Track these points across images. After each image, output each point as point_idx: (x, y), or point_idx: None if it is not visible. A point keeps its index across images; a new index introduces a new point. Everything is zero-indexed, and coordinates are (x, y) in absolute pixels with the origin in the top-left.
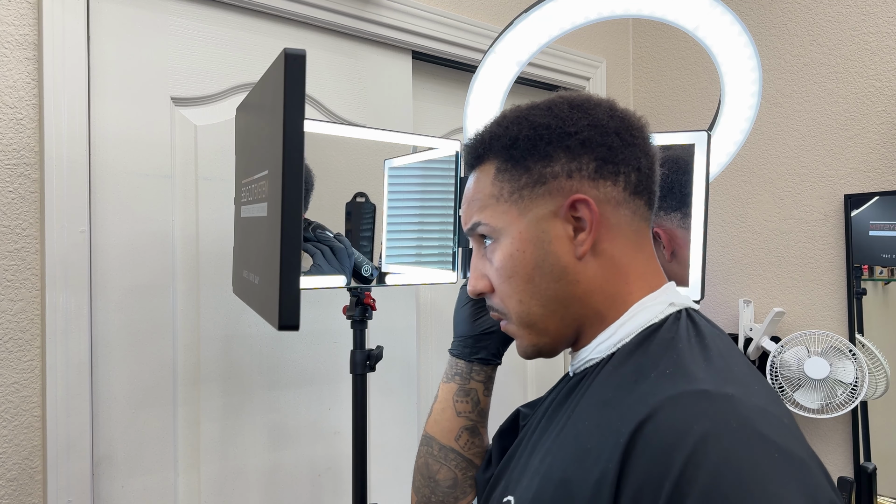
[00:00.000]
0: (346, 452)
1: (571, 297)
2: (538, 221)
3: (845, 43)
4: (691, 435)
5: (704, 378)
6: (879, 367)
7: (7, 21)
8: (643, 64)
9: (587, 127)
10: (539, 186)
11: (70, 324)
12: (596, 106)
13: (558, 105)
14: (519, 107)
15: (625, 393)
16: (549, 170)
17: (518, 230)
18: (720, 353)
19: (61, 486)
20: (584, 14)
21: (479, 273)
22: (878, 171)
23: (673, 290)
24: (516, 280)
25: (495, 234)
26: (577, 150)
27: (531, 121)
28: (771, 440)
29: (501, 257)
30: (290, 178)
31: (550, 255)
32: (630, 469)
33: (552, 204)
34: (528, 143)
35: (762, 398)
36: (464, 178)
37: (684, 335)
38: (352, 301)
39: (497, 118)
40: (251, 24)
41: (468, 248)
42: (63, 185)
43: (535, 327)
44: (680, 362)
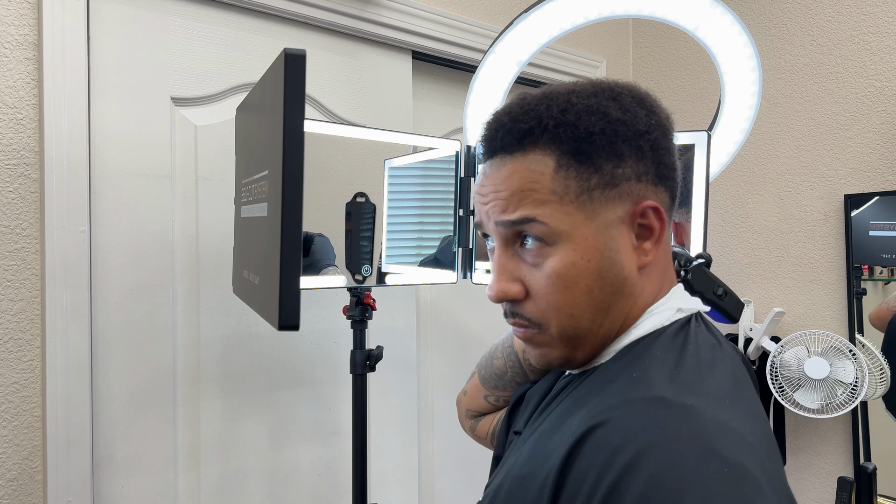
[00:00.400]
0: (346, 452)
1: (621, 310)
2: (607, 227)
3: (845, 43)
4: (636, 440)
5: (666, 386)
6: (879, 367)
7: (7, 21)
8: (643, 64)
9: (656, 126)
10: (610, 189)
11: (70, 324)
12: (656, 104)
13: (624, 97)
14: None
15: (594, 395)
16: (621, 171)
17: (584, 236)
18: (698, 363)
19: (61, 486)
20: (584, 14)
21: (511, 276)
22: (878, 171)
23: (680, 292)
24: (573, 291)
25: (553, 237)
26: (647, 151)
27: (606, 113)
28: (722, 455)
29: (561, 265)
30: (290, 178)
31: (616, 265)
32: (572, 470)
33: (621, 209)
34: (604, 140)
35: (729, 413)
36: (464, 177)
37: (666, 342)
38: (352, 301)
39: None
40: (251, 24)
41: (468, 249)
42: (63, 185)
43: (575, 341)
44: (648, 368)
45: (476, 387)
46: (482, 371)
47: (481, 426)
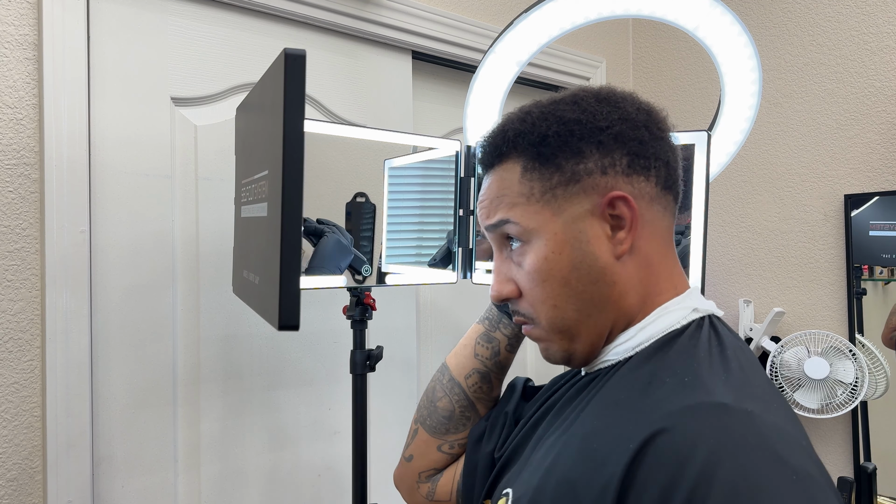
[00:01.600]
0: (346, 452)
1: (607, 299)
2: (574, 221)
3: (845, 43)
4: (705, 448)
5: (723, 391)
6: (879, 367)
7: (7, 21)
8: (643, 64)
9: (618, 121)
10: (573, 185)
11: (70, 324)
12: (623, 99)
13: (584, 99)
14: (540, 102)
15: (638, 397)
16: (583, 167)
17: (553, 231)
18: (741, 367)
19: (61, 486)
20: (584, 14)
21: (505, 277)
22: (878, 171)
23: (696, 294)
24: (551, 284)
25: (526, 235)
26: (610, 145)
27: (559, 116)
28: (789, 462)
29: (535, 260)
30: (290, 178)
31: (588, 255)
32: (637, 477)
33: (588, 202)
34: (558, 140)
35: (780, 417)
36: (464, 177)
37: (705, 345)
38: (352, 301)
39: (519, 114)
40: (251, 24)
41: (468, 249)
42: (63, 185)
43: (568, 332)
44: (699, 372)
45: (425, 441)
46: (427, 421)
47: (442, 485)
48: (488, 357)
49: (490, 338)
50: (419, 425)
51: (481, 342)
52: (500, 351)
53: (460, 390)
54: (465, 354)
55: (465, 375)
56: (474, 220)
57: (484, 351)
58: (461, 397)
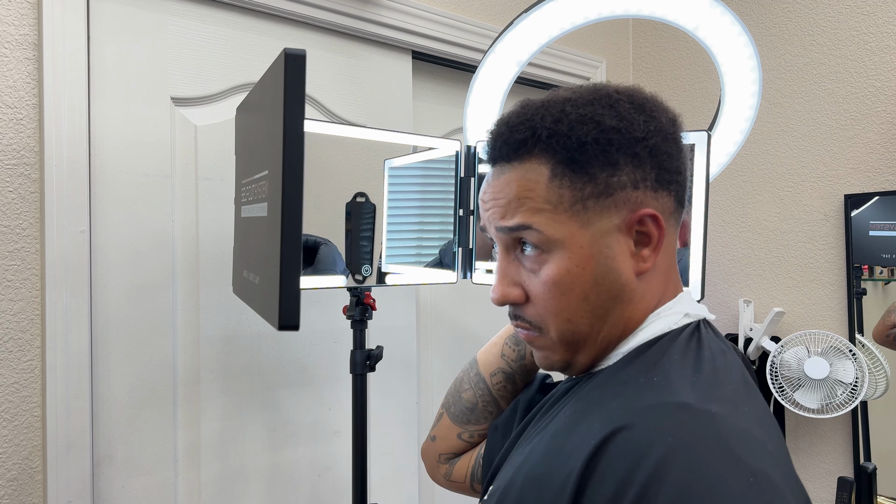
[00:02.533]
0: (346, 452)
1: (621, 315)
2: (602, 236)
3: (845, 43)
4: (662, 446)
5: (689, 392)
6: (879, 367)
7: (7, 21)
8: (643, 64)
9: (654, 132)
10: (605, 198)
11: (70, 324)
12: (656, 108)
13: (621, 103)
14: (569, 98)
15: (610, 397)
16: (616, 179)
17: (579, 244)
18: (715, 370)
19: (61, 486)
20: (584, 14)
21: (512, 280)
22: (878, 171)
23: (688, 298)
24: (569, 297)
25: (549, 245)
26: (645, 158)
27: (598, 122)
28: (747, 464)
29: (556, 272)
30: (290, 178)
31: (612, 272)
32: (596, 472)
33: (617, 217)
34: (597, 149)
35: (748, 421)
36: (464, 177)
37: (681, 347)
38: (352, 301)
39: (551, 112)
40: (251, 24)
41: (468, 249)
42: (63, 185)
43: (575, 345)
44: (668, 373)
45: (448, 427)
46: (452, 408)
47: (458, 468)
48: (514, 359)
49: (518, 341)
50: (444, 410)
51: (510, 343)
52: (525, 355)
53: (485, 386)
54: (493, 353)
55: (490, 373)
56: (474, 221)
57: (511, 352)
58: (485, 393)
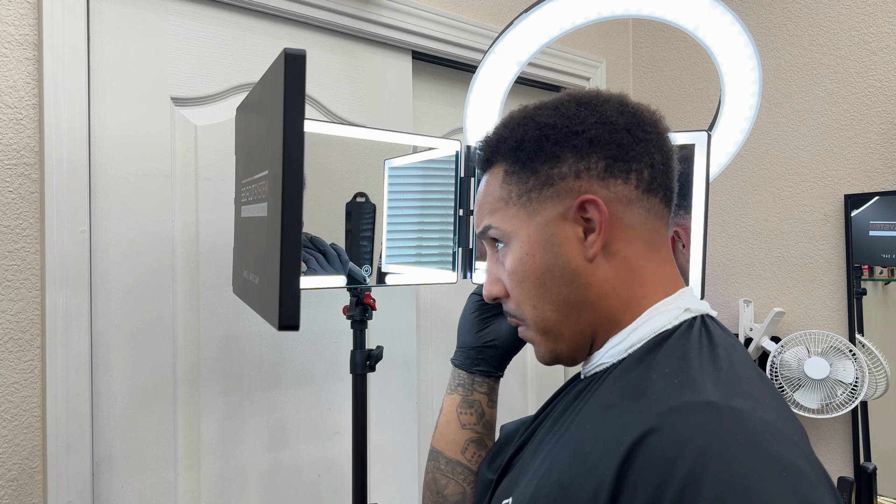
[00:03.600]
0: (346, 452)
1: (584, 300)
2: (547, 224)
3: (845, 43)
4: (694, 448)
5: (712, 389)
6: (879, 367)
7: (7, 21)
8: (643, 64)
9: (595, 125)
10: (547, 188)
11: (70, 324)
12: (604, 102)
13: (565, 103)
14: (526, 107)
15: (629, 399)
16: (557, 171)
17: (527, 233)
18: (731, 364)
19: (61, 486)
20: (584, 14)
21: (494, 277)
22: (878, 171)
23: (689, 295)
24: (527, 284)
25: (506, 237)
26: (586, 149)
27: (537, 121)
28: (778, 458)
29: (512, 261)
30: (290, 178)
31: (561, 257)
32: (628, 479)
33: (561, 206)
34: (534, 145)
35: (772, 413)
36: (464, 177)
37: (695, 344)
38: (352, 301)
39: (504, 120)
40: (251, 24)
41: (468, 249)
42: (63, 185)
43: (551, 333)
44: (688, 371)
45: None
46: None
47: None
48: (475, 421)
49: (470, 402)
50: None
51: (463, 410)
52: (483, 410)
53: (462, 468)
54: (452, 430)
55: (460, 451)
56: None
57: (469, 417)
58: (466, 474)
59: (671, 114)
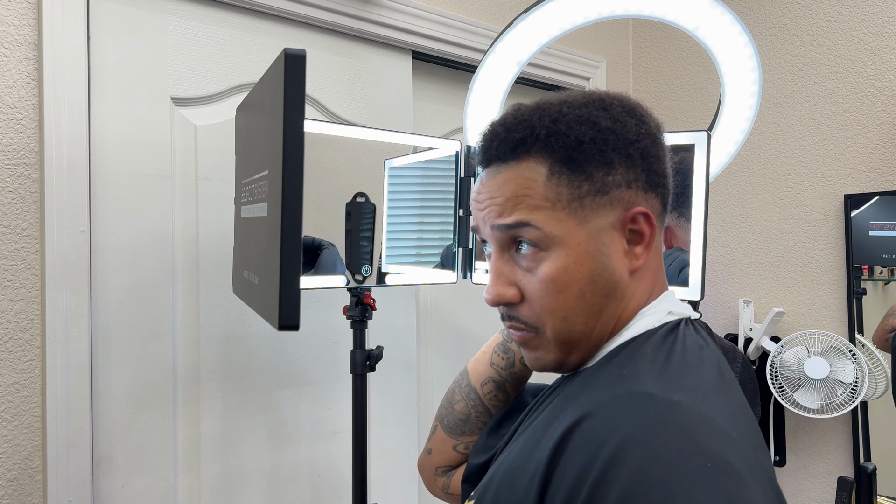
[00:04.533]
0: (346, 452)
1: (613, 313)
2: (599, 233)
3: (845, 43)
4: (621, 433)
5: (654, 382)
6: (879, 367)
7: (7, 21)
8: (643, 64)
9: (645, 136)
10: (601, 196)
11: (70, 324)
12: (646, 113)
13: (614, 107)
14: (565, 100)
15: (585, 390)
16: (611, 178)
17: (577, 241)
18: (685, 361)
19: (61, 486)
20: (584, 14)
21: (507, 280)
22: (878, 171)
23: (671, 297)
24: (566, 295)
25: (546, 242)
26: (637, 159)
27: (595, 122)
28: (707, 451)
29: (554, 269)
30: (290, 178)
31: (608, 269)
32: (561, 460)
33: (612, 215)
34: (594, 149)
35: (714, 409)
36: (464, 177)
37: (656, 342)
38: (352, 301)
39: (549, 113)
40: (251, 24)
41: (468, 249)
42: (63, 185)
43: (569, 344)
44: (637, 365)
45: (442, 439)
46: (445, 420)
47: (455, 480)
48: (503, 367)
49: (507, 349)
50: (438, 422)
51: (498, 352)
52: (514, 363)
53: (476, 396)
54: (483, 361)
55: (481, 383)
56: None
57: (500, 360)
58: (477, 403)
59: (671, 114)
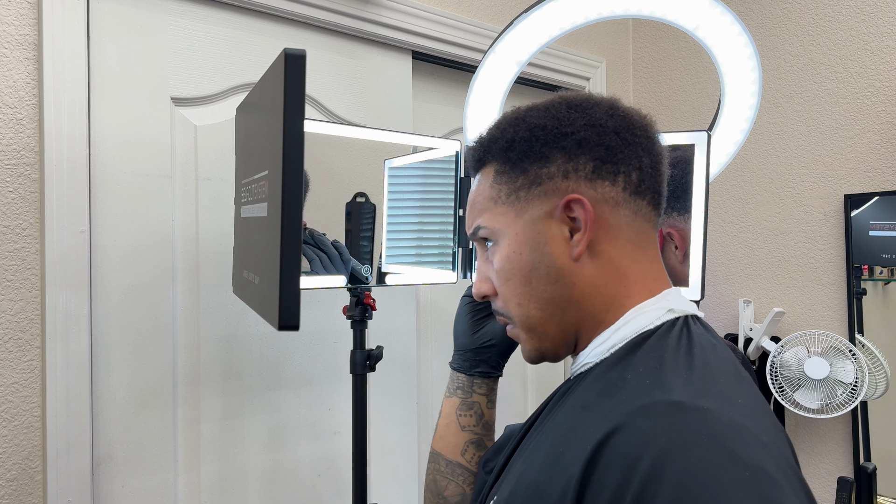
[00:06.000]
0: (346, 452)
1: (568, 299)
2: (534, 223)
3: (845, 43)
4: (656, 447)
5: (681, 389)
6: (879, 367)
7: (7, 21)
8: (643, 64)
9: (584, 127)
10: (535, 187)
11: (70, 324)
12: (595, 105)
13: (556, 105)
14: (518, 108)
15: (604, 399)
16: (546, 170)
17: (514, 232)
18: (706, 364)
19: (61, 486)
20: (584, 14)
21: (483, 276)
22: (878, 171)
23: (674, 295)
24: (514, 282)
25: (494, 236)
26: (574, 150)
27: (528, 122)
28: (742, 458)
29: (500, 259)
30: (290, 178)
31: (546, 256)
32: (593, 478)
33: (548, 205)
34: (524, 145)
35: (741, 413)
36: (464, 177)
37: (673, 344)
38: (352, 301)
39: (496, 121)
40: (251, 24)
41: (468, 249)
42: (63, 185)
43: (536, 331)
44: (660, 371)
45: None
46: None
47: None
48: (475, 423)
49: (469, 404)
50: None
51: (462, 412)
52: (482, 412)
53: (462, 469)
54: (452, 432)
55: (460, 452)
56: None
57: (469, 419)
58: (466, 475)
59: (671, 114)
